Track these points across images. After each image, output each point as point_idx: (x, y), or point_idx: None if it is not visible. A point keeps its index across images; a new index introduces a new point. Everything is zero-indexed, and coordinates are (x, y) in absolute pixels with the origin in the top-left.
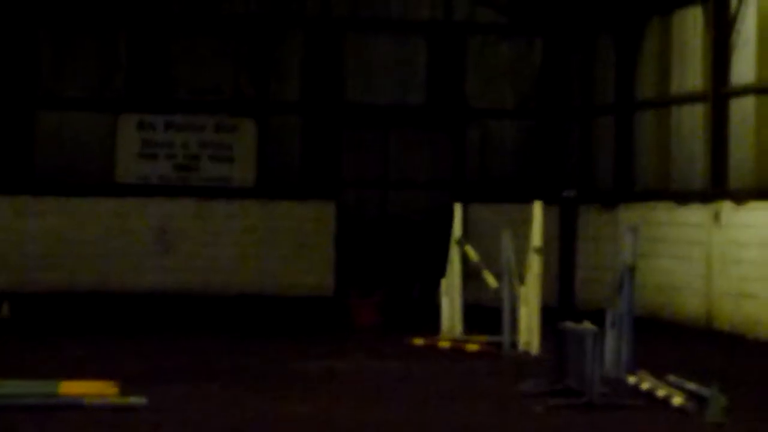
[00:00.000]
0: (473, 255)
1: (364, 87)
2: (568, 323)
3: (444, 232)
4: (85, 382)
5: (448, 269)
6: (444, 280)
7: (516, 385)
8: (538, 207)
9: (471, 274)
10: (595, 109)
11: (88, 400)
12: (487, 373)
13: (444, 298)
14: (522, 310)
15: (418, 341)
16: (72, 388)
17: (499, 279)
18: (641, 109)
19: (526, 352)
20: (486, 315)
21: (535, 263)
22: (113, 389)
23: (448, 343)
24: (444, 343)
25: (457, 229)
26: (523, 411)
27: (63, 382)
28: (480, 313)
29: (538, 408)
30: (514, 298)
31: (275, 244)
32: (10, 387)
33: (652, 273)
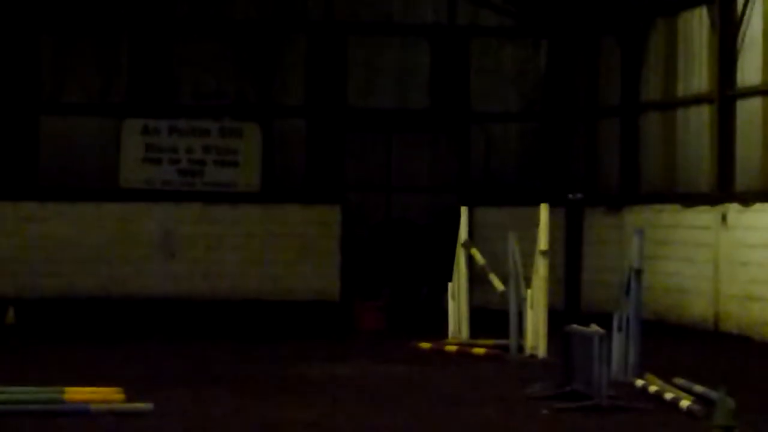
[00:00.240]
0: (479, 258)
1: (368, 91)
2: (574, 326)
3: (449, 235)
4: (90, 388)
5: (454, 272)
6: (450, 284)
7: (523, 388)
8: (544, 210)
9: (477, 278)
10: (600, 111)
11: (93, 406)
12: (494, 377)
13: (450, 301)
14: (528, 314)
15: (425, 345)
16: (78, 394)
17: (505, 282)
18: (647, 111)
19: (532, 356)
20: (492, 318)
21: (541, 266)
22: (119, 395)
23: (454, 347)
24: (450, 347)
25: (463, 232)
26: (530, 414)
27: (69, 388)
28: (486, 317)
29: (545, 411)
30: (521, 301)
31: (280, 249)
32: (16, 393)
33: (658, 276)
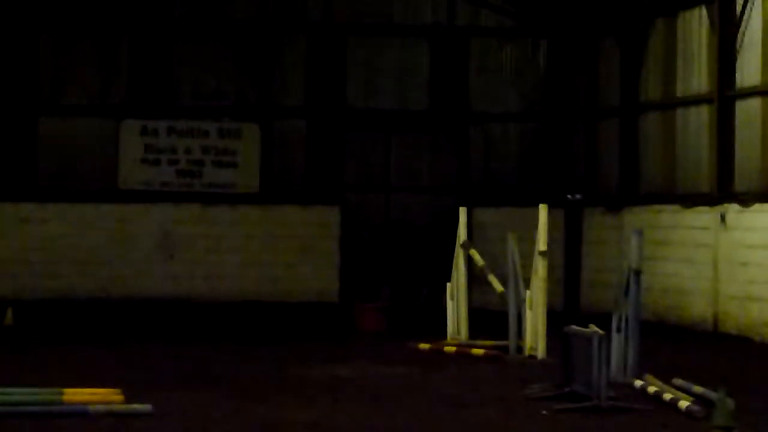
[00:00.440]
0: (478, 259)
1: (368, 91)
2: (574, 327)
3: (449, 236)
4: (89, 390)
5: (454, 273)
6: (449, 285)
7: (522, 389)
8: (543, 210)
9: (476, 278)
10: (600, 112)
11: (92, 408)
12: (493, 378)
13: (449, 302)
14: (528, 314)
15: (424, 346)
16: (76, 395)
17: (504, 283)
18: (646, 112)
19: (531, 356)
20: (492, 319)
21: (540, 267)
22: (118, 396)
23: (453, 348)
24: (450, 348)
25: (462, 233)
26: (530, 415)
27: (67, 389)
28: (486, 317)
29: (544, 412)
30: (520, 302)
31: (279, 250)
32: (15, 394)
33: (658, 276)
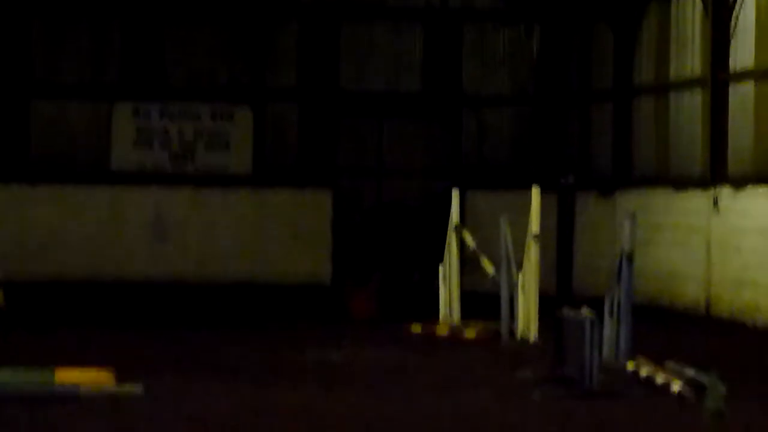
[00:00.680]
0: (471, 242)
1: (360, 74)
2: (566, 310)
3: (441, 219)
4: (80, 371)
5: (446, 256)
6: (441, 267)
7: (514, 372)
8: (536, 194)
9: (469, 262)
10: (593, 96)
11: (83, 389)
12: (485, 361)
13: (441, 285)
14: (520, 298)
15: (416, 329)
16: (68, 376)
17: (496, 266)
18: (640, 95)
19: (524, 340)
20: (484, 302)
21: (532, 250)
22: (109, 378)
23: (445, 331)
24: (441, 331)
25: (454, 216)
26: (522, 399)
27: (58, 371)
28: (478, 301)
29: (536, 396)
30: (512, 286)
31: (272, 233)
32: (6, 375)
33: (650, 260)
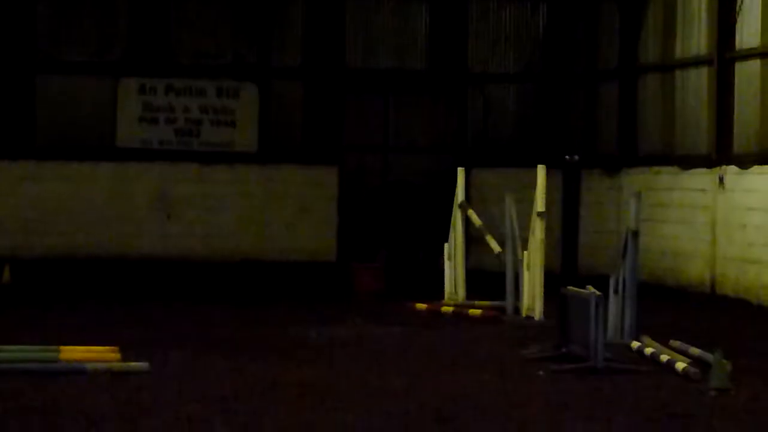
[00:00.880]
0: (476, 220)
1: (366, 52)
2: (571, 288)
3: (447, 196)
4: (86, 348)
5: (451, 234)
6: (447, 245)
7: (519, 350)
8: (542, 171)
9: (474, 239)
10: (598, 74)
11: (90, 366)
12: (490, 339)
13: (447, 263)
14: (525, 275)
15: (421, 306)
16: (74, 353)
17: (502, 244)
18: (645, 74)
19: (529, 318)
20: (489, 280)
21: (538, 228)
22: (115, 354)
23: (450, 308)
24: (447, 309)
25: (459, 194)
26: (526, 376)
27: (64, 347)
28: (483, 278)
29: (541, 373)
30: (518, 263)
31: (277, 210)
32: (12, 352)
33: (656, 238)
